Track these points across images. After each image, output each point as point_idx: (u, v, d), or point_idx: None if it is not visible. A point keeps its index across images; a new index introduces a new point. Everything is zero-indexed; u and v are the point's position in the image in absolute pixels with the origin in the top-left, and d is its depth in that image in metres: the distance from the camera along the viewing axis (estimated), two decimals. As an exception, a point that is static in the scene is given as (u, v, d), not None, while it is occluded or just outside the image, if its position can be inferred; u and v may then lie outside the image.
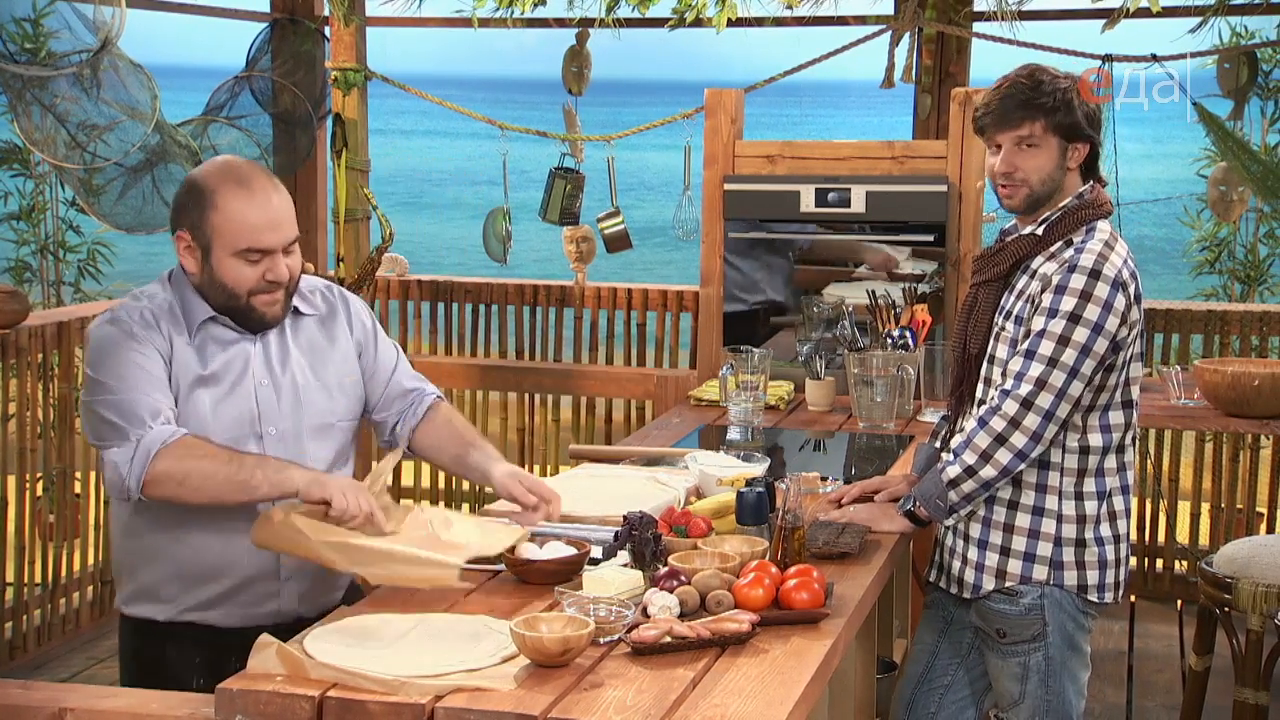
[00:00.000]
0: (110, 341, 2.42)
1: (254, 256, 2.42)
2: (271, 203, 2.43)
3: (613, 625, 2.10)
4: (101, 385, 2.38)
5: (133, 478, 2.32)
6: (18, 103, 4.07)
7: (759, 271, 4.16)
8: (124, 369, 2.38)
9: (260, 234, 2.41)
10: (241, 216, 2.40)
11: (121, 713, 2.06)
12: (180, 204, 2.46)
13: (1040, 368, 2.49)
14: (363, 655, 2.02)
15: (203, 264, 2.44)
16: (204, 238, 2.42)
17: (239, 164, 2.51)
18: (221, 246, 2.41)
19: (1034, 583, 2.60)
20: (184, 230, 2.45)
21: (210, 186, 2.42)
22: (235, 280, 2.43)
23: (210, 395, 2.45)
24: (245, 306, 2.45)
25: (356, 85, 4.75)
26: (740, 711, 1.88)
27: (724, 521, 2.56)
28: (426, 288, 5.46)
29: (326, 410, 2.58)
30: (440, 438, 2.69)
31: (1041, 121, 2.56)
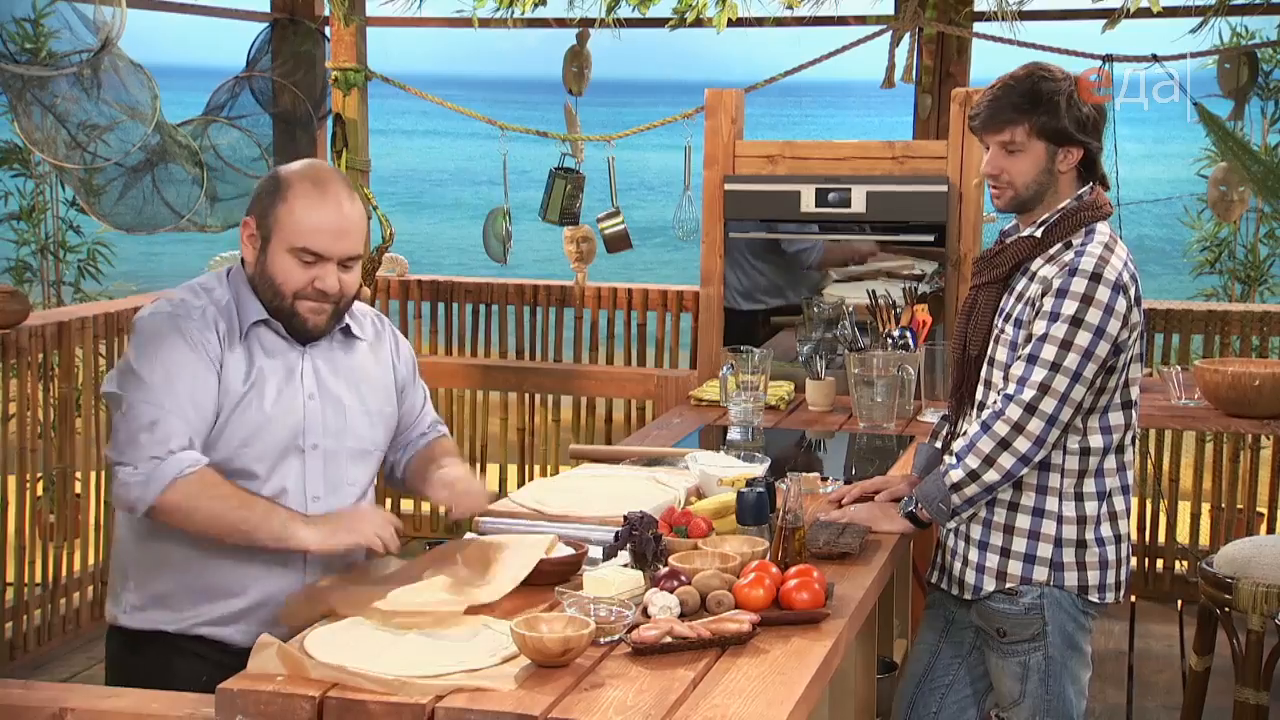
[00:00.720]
0: (163, 336, 2.34)
1: (308, 258, 2.37)
2: (341, 209, 2.38)
3: (613, 625, 2.10)
4: (142, 384, 2.30)
5: (142, 502, 2.27)
6: (18, 103, 4.07)
7: (781, 275, 4.16)
8: (170, 373, 2.32)
9: (319, 236, 2.36)
10: (305, 214, 2.36)
11: (122, 712, 2.06)
12: (256, 192, 2.44)
13: (1043, 372, 2.49)
14: (363, 655, 2.01)
15: (259, 255, 2.40)
16: (266, 228, 2.38)
17: (323, 167, 2.48)
18: (279, 240, 2.37)
19: (1034, 583, 2.60)
20: (251, 217, 2.42)
21: (287, 180, 2.39)
22: (284, 278, 2.38)
23: (258, 401, 2.39)
24: (289, 309, 2.40)
25: (357, 85, 4.75)
26: (741, 712, 1.88)
27: (724, 522, 2.56)
28: (427, 288, 5.46)
29: (368, 437, 2.53)
30: (420, 462, 2.64)
31: (1025, 126, 2.55)
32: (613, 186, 4.86)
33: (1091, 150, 2.60)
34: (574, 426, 5.36)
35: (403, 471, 2.68)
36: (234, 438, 2.36)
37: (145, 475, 2.26)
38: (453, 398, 5.43)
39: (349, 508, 2.43)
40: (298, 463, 2.41)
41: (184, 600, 2.40)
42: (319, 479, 2.45)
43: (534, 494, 2.79)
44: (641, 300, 5.28)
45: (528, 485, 2.91)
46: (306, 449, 2.42)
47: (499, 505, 2.72)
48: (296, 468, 2.42)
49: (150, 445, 2.27)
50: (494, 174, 5.03)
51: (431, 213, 24.33)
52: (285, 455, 2.40)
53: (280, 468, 2.40)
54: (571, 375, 5.03)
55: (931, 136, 4.70)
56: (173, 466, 2.26)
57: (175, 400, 2.30)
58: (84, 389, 4.42)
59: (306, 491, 2.43)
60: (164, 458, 2.27)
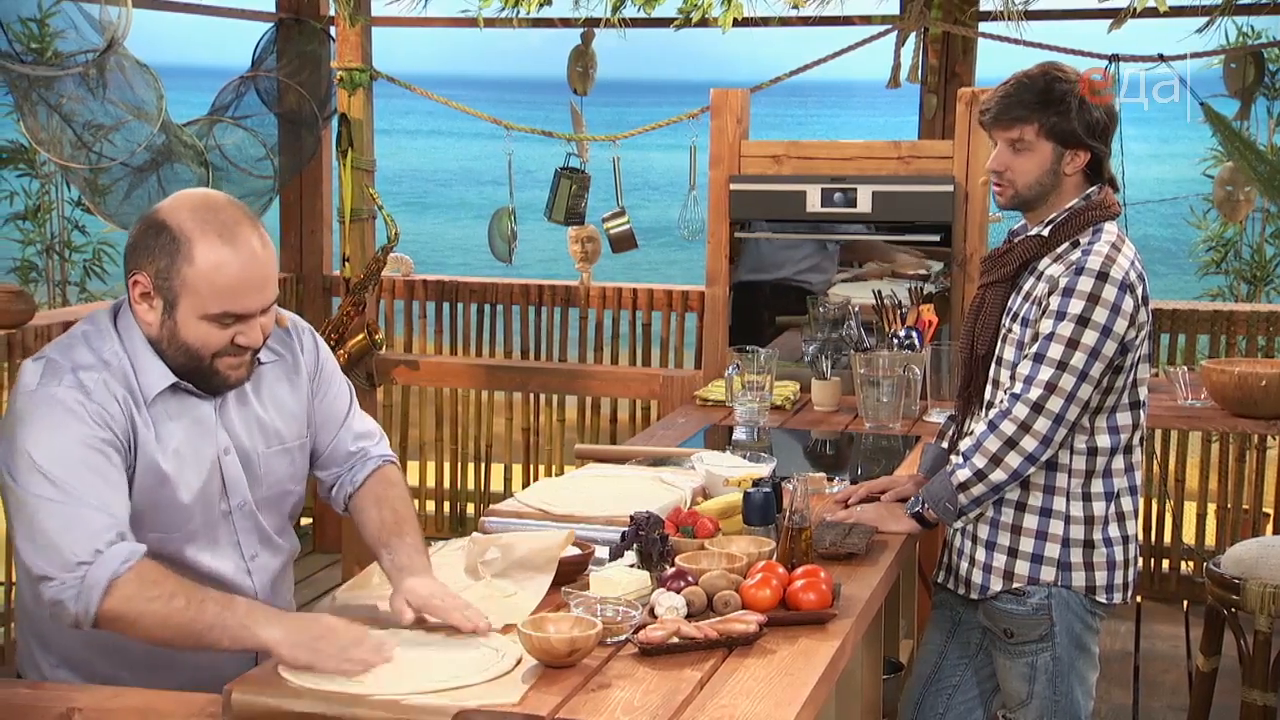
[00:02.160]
0: (58, 416, 2.02)
1: (228, 320, 2.08)
2: (258, 258, 2.08)
3: (620, 626, 2.10)
4: (44, 480, 1.99)
5: (85, 616, 1.98)
6: (24, 102, 4.07)
7: (784, 250, 4.13)
8: (76, 462, 2.01)
9: (241, 297, 2.07)
10: (219, 275, 2.05)
11: (129, 711, 2.05)
12: (142, 244, 2.08)
13: (1049, 371, 2.49)
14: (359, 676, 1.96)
15: (163, 319, 2.09)
16: (170, 291, 2.06)
17: (220, 205, 2.11)
18: (190, 306, 2.06)
19: (1041, 583, 2.60)
20: (143, 275, 2.08)
21: (186, 232, 2.05)
22: (202, 343, 2.09)
23: (174, 474, 2.14)
24: (208, 370, 2.12)
25: (362, 85, 4.75)
26: (748, 712, 1.88)
27: (730, 522, 2.56)
28: (432, 287, 5.46)
29: (288, 475, 2.30)
30: (367, 519, 2.34)
31: (1034, 125, 2.55)
32: (618, 186, 4.85)
33: (1099, 154, 2.60)
34: (578, 426, 5.36)
35: (344, 504, 2.41)
36: (158, 520, 2.13)
37: (77, 586, 1.97)
38: (457, 397, 5.43)
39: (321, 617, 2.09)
40: (227, 527, 2.22)
41: (130, 678, 2.17)
42: (251, 536, 2.26)
43: (540, 494, 2.79)
44: (646, 300, 5.28)
45: (533, 485, 2.91)
46: (234, 510, 2.22)
47: (505, 505, 2.73)
48: (228, 532, 2.22)
49: (74, 549, 1.97)
50: (498, 174, 5.03)
51: (436, 213, 24.38)
52: (215, 524, 2.20)
53: (212, 536, 2.21)
54: (577, 375, 5.03)
55: (937, 136, 4.69)
56: (105, 568, 1.97)
57: (89, 490, 2.00)
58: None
59: (244, 553, 2.26)
60: (92, 560, 1.97)
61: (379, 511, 2.34)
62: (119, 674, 2.19)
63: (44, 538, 1.99)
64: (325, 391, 2.37)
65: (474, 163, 27.35)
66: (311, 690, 1.94)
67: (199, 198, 2.14)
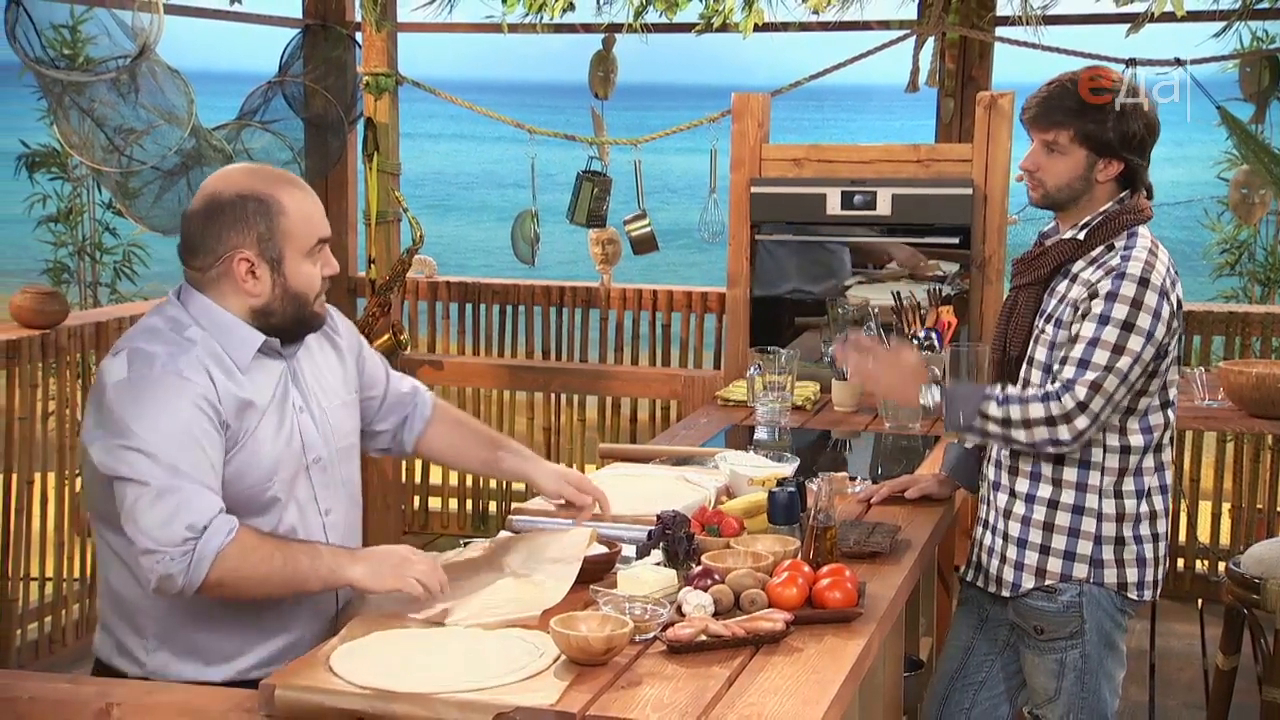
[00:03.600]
0: (155, 397, 2.15)
1: (317, 249, 2.30)
2: (313, 190, 2.36)
3: (648, 624, 2.12)
4: (149, 461, 2.11)
5: (190, 585, 2.13)
6: (57, 107, 4.15)
7: (791, 259, 4.18)
8: (178, 440, 2.14)
9: (322, 222, 2.32)
10: (306, 208, 2.28)
11: (167, 706, 2.07)
12: (228, 224, 2.23)
13: (1095, 374, 2.49)
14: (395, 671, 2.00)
15: (273, 279, 2.26)
16: (274, 249, 2.25)
17: (260, 166, 2.39)
18: (295, 250, 2.27)
19: (1074, 580, 2.61)
20: (245, 250, 2.24)
21: (265, 193, 2.25)
22: (308, 283, 2.30)
23: (267, 433, 2.28)
24: (310, 314, 2.32)
25: (388, 90, 4.81)
26: (776, 710, 1.90)
27: (754, 521, 2.58)
28: (455, 289, 5.52)
29: (351, 429, 2.48)
30: (458, 438, 2.63)
31: (1070, 131, 2.56)
32: (639, 189, 4.90)
33: (1133, 166, 2.59)
34: (599, 426, 5.42)
35: (413, 444, 2.62)
36: (248, 479, 2.25)
37: (185, 559, 2.11)
38: (480, 397, 5.49)
39: (395, 547, 2.29)
40: (306, 483, 2.35)
41: (226, 648, 2.28)
42: (326, 492, 2.39)
43: (566, 493, 2.83)
44: (666, 301, 5.33)
45: (560, 485, 2.95)
46: (310, 464, 2.35)
47: (532, 504, 2.75)
48: (306, 486, 2.35)
49: (181, 524, 2.11)
50: (519, 177, 5.10)
51: (458, 215, 24.49)
52: (296, 477, 2.33)
53: (294, 491, 2.33)
54: (599, 375, 5.09)
55: (954, 140, 4.73)
56: (211, 542, 2.12)
57: (192, 467, 2.13)
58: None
59: (321, 508, 2.38)
60: (198, 535, 2.12)
61: (469, 429, 2.66)
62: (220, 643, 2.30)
63: (151, 517, 2.11)
64: (364, 355, 2.57)
65: (495, 166, 27.47)
66: (352, 687, 1.97)
67: (240, 169, 2.35)
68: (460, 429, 2.65)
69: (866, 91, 18.69)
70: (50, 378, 4.36)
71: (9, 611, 4.13)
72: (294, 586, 2.20)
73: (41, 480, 4.27)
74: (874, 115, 30.37)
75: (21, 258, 8.82)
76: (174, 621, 2.27)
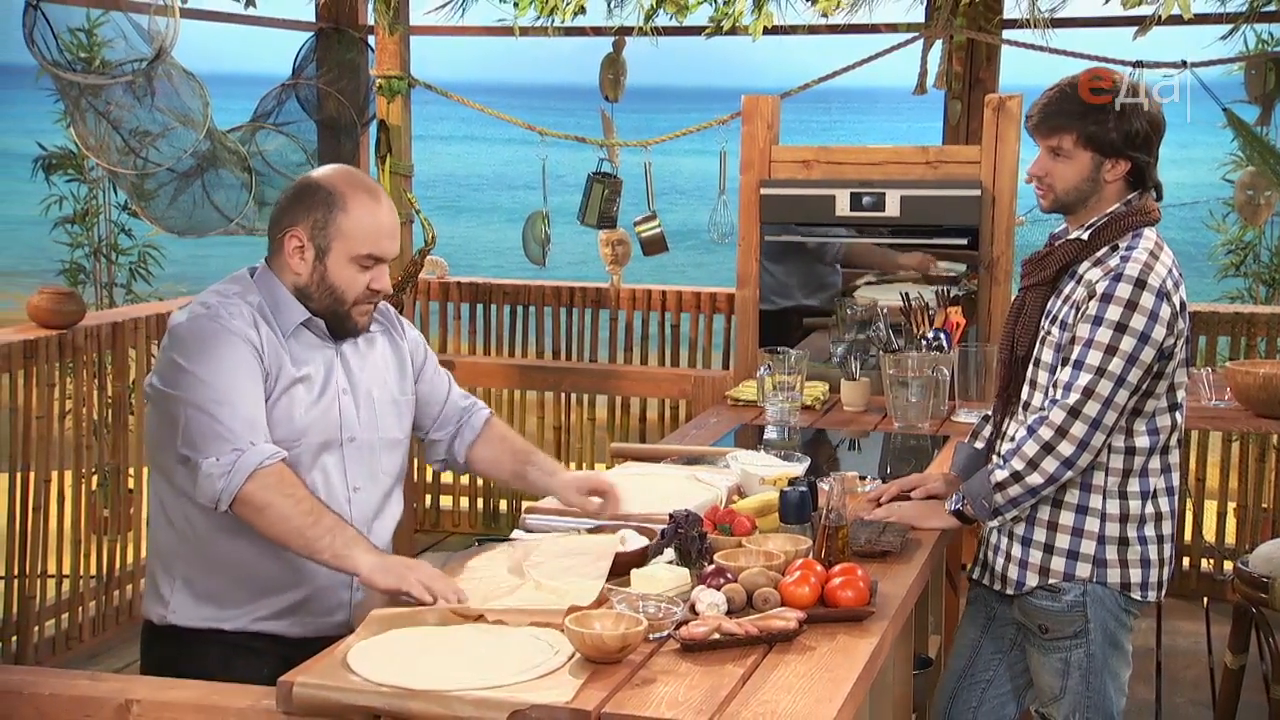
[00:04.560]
0: (211, 336, 2.36)
1: (368, 263, 2.43)
2: (393, 212, 2.49)
3: (662, 622, 2.14)
4: (204, 385, 2.32)
5: (227, 492, 2.28)
6: (74, 110, 4.19)
7: (792, 276, 4.23)
8: (229, 370, 2.34)
9: (382, 241, 2.44)
10: (369, 220, 2.42)
11: (186, 703, 2.09)
12: (297, 203, 2.44)
13: (1088, 377, 2.51)
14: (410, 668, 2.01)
15: (314, 265, 2.44)
16: (324, 239, 2.42)
17: (362, 174, 2.53)
18: (342, 249, 2.42)
19: (1077, 580, 2.62)
20: (300, 229, 2.42)
21: (340, 190, 2.42)
22: (347, 285, 2.44)
23: (302, 397, 2.44)
24: (345, 313, 2.47)
25: (401, 92, 4.85)
26: (791, 708, 1.91)
27: (766, 520, 2.60)
28: (466, 289, 5.56)
29: (397, 426, 2.61)
30: (498, 452, 2.77)
31: (1073, 135, 2.58)
32: (649, 190, 4.93)
33: (1140, 164, 2.61)
34: (609, 425, 5.45)
35: (464, 455, 2.76)
36: (280, 430, 2.40)
37: (229, 465, 2.28)
38: (491, 397, 5.53)
39: (410, 560, 2.35)
40: (337, 456, 2.48)
41: (239, 596, 2.43)
42: (358, 470, 2.52)
43: (580, 492, 2.86)
44: (675, 302, 5.36)
45: (573, 484, 2.98)
46: (344, 443, 2.49)
47: (546, 503, 2.78)
48: (336, 461, 2.48)
49: (231, 437, 2.30)
50: (529, 179, 5.13)
51: (469, 216, 24.56)
52: (325, 449, 2.47)
53: (321, 461, 2.47)
54: (609, 375, 5.12)
55: (961, 142, 4.76)
56: (254, 456, 2.29)
57: (242, 394, 2.33)
58: (137, 388, 4.55)
59: (349, 483, 2.51)
60: (245, 449, 2.29)
61: (512, 442, 2.80)
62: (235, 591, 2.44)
63: (205, 427, 2.30)
64: (429, 366, 2.73)
65: (506, 168, 27.53)
66: (369, 685, 1.98)
67: (344, 168, 2.54)
68: (502, 444, 2.78)
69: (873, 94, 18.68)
70: (67, 377, 4.41)
71: (26, 608, 4.18)
72: (307, 542, 2.28)
73: (59, 479, 4.31)
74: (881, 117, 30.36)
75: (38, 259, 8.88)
76: (198, 568, 2.43)
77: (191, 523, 2.42)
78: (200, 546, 2.43)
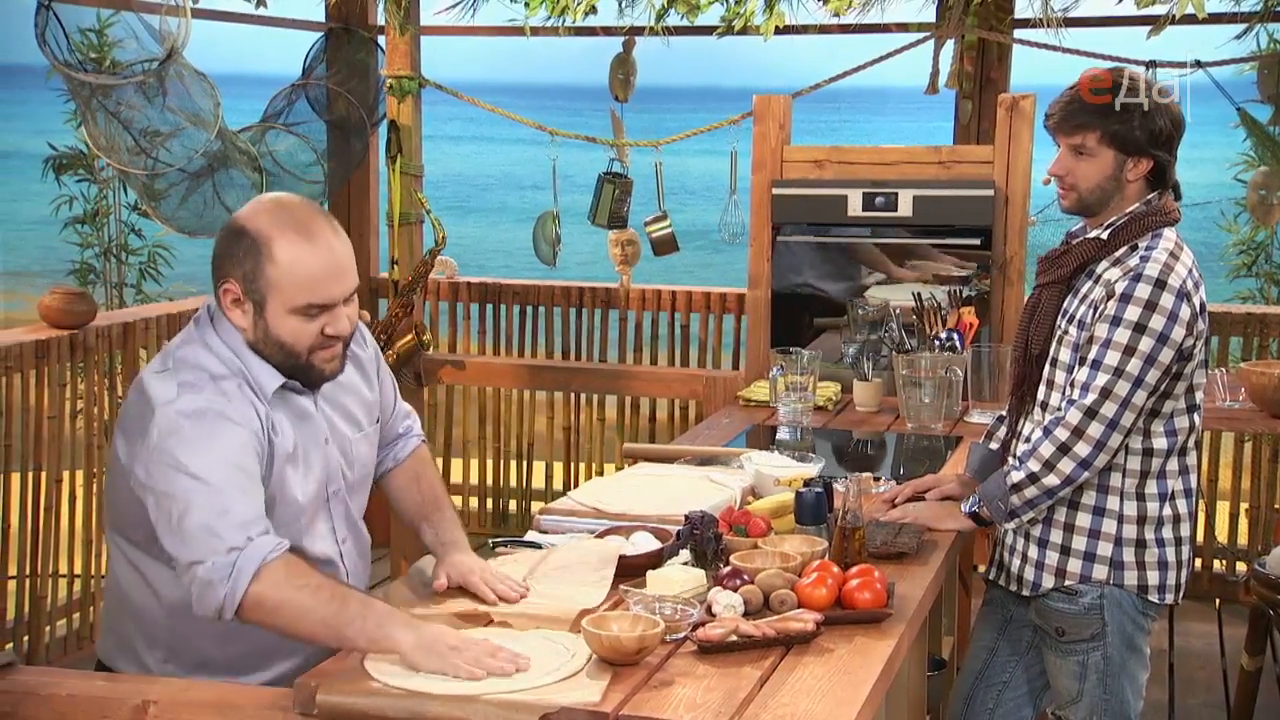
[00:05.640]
0: (209, 425, 2.10)
1: (313, 312, 2.17)
2: (335, 250, 2.17)
3: (678, 624, 2.13)
4: (198, 480, 2.05)
5: (230, 600, 2.03)
6: (85, 110, 4.20)
7: (810, 252, 4.19)
8: (229, 462, 2.09)
9: (322, 287, 2.16)
10: (303, 268, 2.13)
11: (203, 704, 2.08)
12: (226, 251, 2.17)
13: (1105, 377, 2.50)
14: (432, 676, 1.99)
15: (256, 320, 2.18)
16: (257, 292, 2.15)
17: (294, 205, 2.20)
18: (278, 302, 2.15)
19: (1094, 582, 2.61)
20: (232, 282, 2.17)
21: (265, 234, 2.13)
22: (294, 338, 2.18)
23: (297, 471, 2.24)
24: (304, 365, 2.21)
25: (411, 92, 4.84)
26: (810, 710, 1.91)
27: (781, 521, 2.59)
28: (475, 290, 5.56)
29: (369, 460, 2.43)
30: (408, 493, 2.53)
31: (1097, 133, 2.56)
32: (660, 191, 4.93)
33: (1162, 162, 2.60)
34: (619, 425, 5.45)
35: (380, 476, 2.54)
36: (279, 513, 2.21)
37: (228, 568, 2.02)
38: (500, 396, 5.53)
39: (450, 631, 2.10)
40: (325, 512, 2.32)
41: (233, 665, 2.25)
42: (342, 520, 2.36)
43: (593, 493, 2.84)
44: (685, 302, 5.36)
45: (586, 484, 2.96)
46: (330, 496, 2.32)
47: (559, 504, 2.77)
48: (324, 518, 2.32)
49: (227, 534, 2.03)
50: (538, 179, 5.12)
51: (477, 216, 24.61)
52: (317, 511, 2.30)
53: (314, 522, 2.30)
54: (620, 376, 5.12)
55: (972, 141, 4.75)
56: (256, 552, 2.04)
57: (241, 484, 2.08)
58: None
59: (336, 537, 2.35)
60: (244, 546, 2.04)
61: (419, 488, 2.53)
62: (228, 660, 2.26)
63: (196, 527, 2.04)
64: (382, 381, 2.50)
65: (514, 168, 27.58)
66: (394, 689, 1.96)
67: (272, 201, 2.22)
68: (415, 485, 2.54)
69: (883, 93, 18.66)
70: (78, 377, 4.41)
71: (38, 608, 4.18)
72: (335, 629, 2.04)
73: (70, 479, 4.32)
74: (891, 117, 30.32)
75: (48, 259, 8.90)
76: (185, 634, 2.24)
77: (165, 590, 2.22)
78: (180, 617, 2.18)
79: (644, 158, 4.97)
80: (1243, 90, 4.56)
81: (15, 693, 2.13)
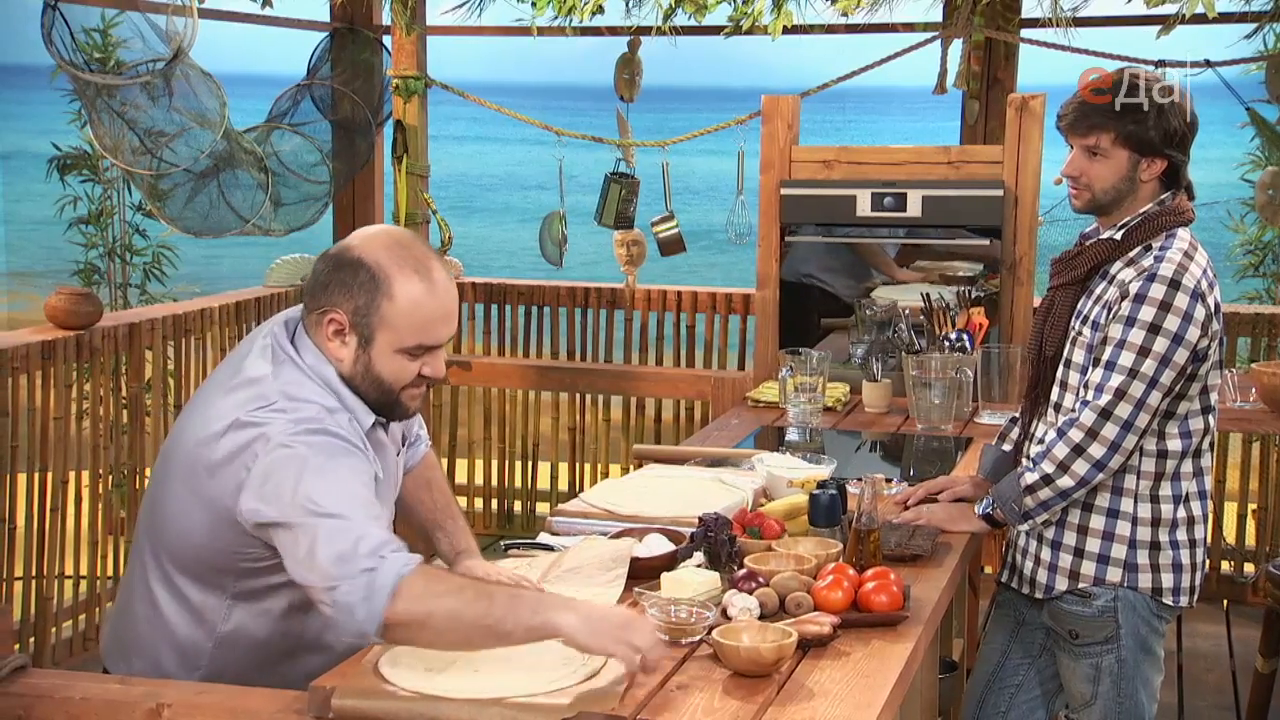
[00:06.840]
0: (328, 462, 2.06)
1: (419, 352, 2.16)
2: (450, 293, 2.17)
3: (693, 627, 2.12)
4: (325, 511, 2.01)
5: (371, 620, 1.95)
6: (90, 109, 4.18)
7: (816, 248, 4.17)
8: (354, 491, 2.05)
9: (434, 329, 2.15)
10: (420, 310, 2.12)
11: (217, 707, 2.07)
12: (336, 280, 2.13)
13: (1119, 378, 2.49)
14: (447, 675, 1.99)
15: (358, 353, 2.16)
16: (367, 327, 2.13)
17: (410, 243, 2.18)
18: (388, 339, 2.14)
19: (1107, 584, 2.60)
20: (340, 312, 2.13)
21: (385, 271, 2.11)
22: (395, 376, 2.17)
23: (384, 501, 2.23)
24: (394, 401, 2.20)
25: (417, 92, 4.84)
26: (829, 714, 1.90)
27: (795, 523, 2.58)
28: (480, 290, 5.55)
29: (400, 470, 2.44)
30: (420, 497, 2.54)
31: (1111, 134, 2.55)
32: (667, 191, 4.92)
33: (1176, 162, 2.58)
34: (624, 426, 5.44)
35: None
36: None
37: (365, 588, 1.95)
38: (505, 397, 5.52)
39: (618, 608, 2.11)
40: None
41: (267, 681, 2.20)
42: None
43: (605, 494, 2.82)
44: (691, 302, 5.35)
45: (598, 485, 2.95)
46: None
47: (571, 505, 2.76)
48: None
49: (360, 558, 1.97)
50: (542, 179, 5.13)
51: (482, 216, 24.61)
52: None
53: None
54: (625, 376, 5.11)
55: (979, 142, 4.74)
56: (391, 569, 1.97)
57: (368, 511, 2.04)
58: (153, 388, 4.54)
59: None
60: (376, 566, 1.97)
61: (431, 495, 2.54)
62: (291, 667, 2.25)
63: (327, 553, 1.99)
64: None
65: (518, 168, 27.58)
66: (411, 693, 1.95)
67: (387, 235, 2.19)
68: (426, 491, 2.54)
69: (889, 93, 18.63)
70: (84, 378, 4.40)
71: (44, 609, 4.17)
72: (492, 627, 1.95)
73: (76, 480, 4.31)
74: (897, 117, 30.29)
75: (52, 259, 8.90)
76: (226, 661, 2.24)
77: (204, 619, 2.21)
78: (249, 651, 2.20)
79: (650, 158, 4.96)
80: (1251, 90, 4.56)
81: (28, 695, 2.12)
